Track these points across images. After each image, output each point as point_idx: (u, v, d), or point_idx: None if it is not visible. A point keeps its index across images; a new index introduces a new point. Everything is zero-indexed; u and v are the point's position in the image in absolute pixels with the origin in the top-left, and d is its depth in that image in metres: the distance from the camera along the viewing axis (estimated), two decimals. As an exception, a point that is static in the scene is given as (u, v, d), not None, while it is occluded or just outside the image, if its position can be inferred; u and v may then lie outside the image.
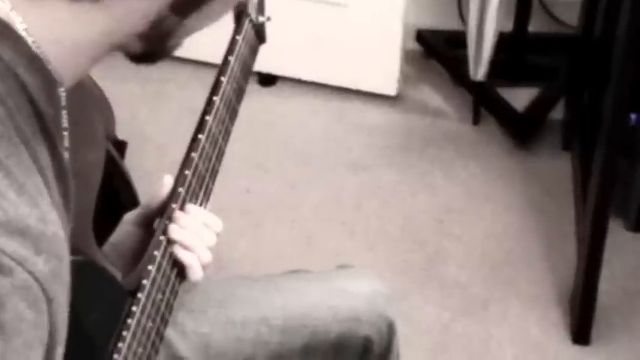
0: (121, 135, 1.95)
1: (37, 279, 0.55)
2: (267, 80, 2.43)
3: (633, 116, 2.00)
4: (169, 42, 0.68)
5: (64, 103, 0.63)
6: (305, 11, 2.37)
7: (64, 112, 0.63)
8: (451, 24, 2.47)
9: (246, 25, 1.05)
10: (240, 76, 1.02)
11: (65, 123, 0.64)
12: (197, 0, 0.64)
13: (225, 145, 0.98)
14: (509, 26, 2.39)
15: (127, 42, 0.65)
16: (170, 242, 0.89)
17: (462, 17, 2.41)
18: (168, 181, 0.92)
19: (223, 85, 0.98)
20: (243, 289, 1.11)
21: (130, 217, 0.95)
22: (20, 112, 0.59)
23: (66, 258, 0.59)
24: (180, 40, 0.69)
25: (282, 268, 1.89)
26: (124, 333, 0.80)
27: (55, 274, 0.57)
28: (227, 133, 0.98)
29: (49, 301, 0.56)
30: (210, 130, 0.95)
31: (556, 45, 2.49)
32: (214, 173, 0.96)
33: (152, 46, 0.67)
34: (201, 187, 0.93)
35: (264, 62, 2.36)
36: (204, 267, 0.91)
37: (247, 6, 1.07)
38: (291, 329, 1.08)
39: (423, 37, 2.52)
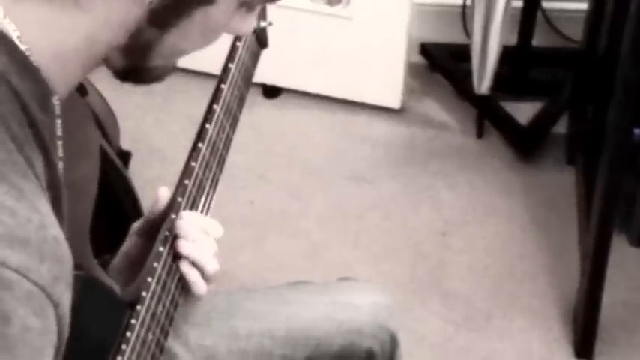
0: (125, 146, 1.96)
1: (42, 287, 0.56)
2: (272, 92, 2.44)
3: (637, 131, 2.00)
4: (150, 59, 0.68)
5: (58, 112, 0.63)
6: (309, 24, 2.38)
7: (58, 122, 0.63)
8: (455, 38, 2.48)
9: None
10: (241, 83, 1.01)
11: (59, 132, 0.64)
12: (173, 12, 0.64)
13: (227, 153, 0.97)
14: (513, 40, 2.39)
15: (110, 54, 0.65)
16: (176, 257, 0.88)
17: (467, 31, 2.42)
18: (163, 195, 0.91)
19: (224, 92, 0.97)
20: (247, 300, 1.11)
21: (135, 227, 0.95)
22: (14, 119, 0.59)
23: (67, 259, 0.59)
24: (164, 60, 0.69)
25: (286, 279, 1.89)
26: (124, 346, 0.79)
27: (58, 278, 0.57)
28: (228, 141, 0.97)
29: (56, 305, 0.57)
30: (210, 139, 0.94)
31: (560, 59, 2.49)
32: (215, 182, 0.95)
33: (133, 61, 0.67)
34: (201, 197, 0.92)
35: (269, 74, 2.37)
36: (210, 277, 0.90)
37: None
38: (294, 341, 1.08)
39: (427, 50, 2.53)
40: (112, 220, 0.98)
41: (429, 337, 1.83)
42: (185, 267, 0.88)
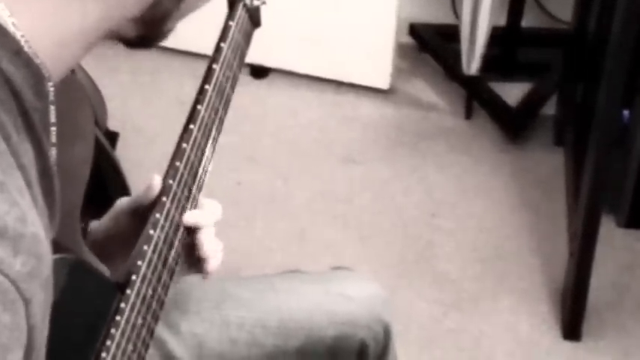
0: (112, 126, 1.95)
1: (13, 281, 0.54)
2: (260, 72, 2.42)
3: (626, 112, 2.00)
4: (166, 24, 0.67)
5: (52, 97, 0.62)
6: (299, 3, 2.36)
7: (52, 108, 0.62)
8: (444, 18, 2.47)
9: (240, 11, 1.03)
10: (234, 63, 1.00)
11: (53, 118, 0.62)
12: None
13: (219, 134, 0.96)
14: (502, 21, 2.39)
15: (122, 27, 0.64)
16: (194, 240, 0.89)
17: (456, 11, 2.41)
18: (157, 183, 0.89)
19: (216, 73, 0.96)
20: (239, 289, 1.10)
21: (124, 206, 0.93)
22: (3, 107, 0.57)
23: (46, 258, 0.57)
24: (176, 22, 0.68)
25: (274, 261, 1.89)
26: (113, 331, 0.78)
27: (33, 275, 0.55)
28: (220, 123, 0.96)
29: (27, 302, 0.55)
30: (202, 120, 0.93)
31: (549, 40, 2.48)
32: (207, 164, 0.94)
33: (148, 31, 0.66)
34: (193, 179, 0.91)
35: (257, 54, 2.34)
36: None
37: None
38: (286, 331, 1.07)
39: (416, 31, 2.52)
40: (99, 202, 0.97)
41: (417, 318, 1.83)
42: (205, 242, 0.90)
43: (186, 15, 0.68)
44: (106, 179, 1.61)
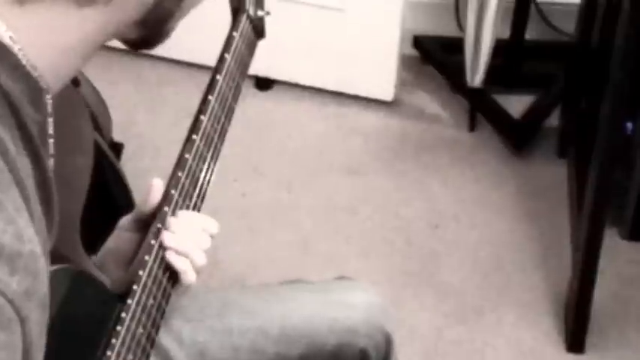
0: (117, 137, 1.96)
1: (9, 300, 0.54)
2: (264, 84, 2.43)
3: (629, 125, 2.00)
4: (168, 24, 0.67)
5: (50, 110, 0.62)
6: (303, 15, 2.37)
7: (50, 120, 0.62)
8: (448, 30, 2.47)
9: (243, 21, 1.04)
10: (237, 74, 1.00)
11: (51, 130, 0.62)
12: None
13: (221, 144, 0.96)
14: (506, 33, 2.39)
15: (123, 30, 0.64)
16: (163, 248, 0.86)
17: (460, 24, 2.41)
18: (158, 186, 0.89)
19: (219, 83, 0.96)
20: (241, 298, 1.11)
21: (124, 222, 0.93)
22: (0, 121, 0.57)
23: (42, 275, 0.57)
24: (177, 22, 0.68)
25: (278, 272, 1.90)
26: (113, 341, 0.79)
27: (29, 293, 0.55)
28: (223, 133, 0.96)
29: (23, 320, 0.55)
30: (204, 130, 0.93)
31: (553, 52, 2.49)
32: (210, 173, 0.94)
33: (149, 32, 0.66)
34: (195, 189, 0.92)
35: (262, 66, 2.36)
36: (198, 270, 0.89)
37: (245, 1, 1.05)
38: (288, 339, 1.07)
39: (420, 43, 2.52)
40: (104, 213, 0.97)
41: (420, 330, 1.83)
42: (172, 257, 0.86)
43: (187, 13, 0.69)
44: (110, 191, 1.62)
